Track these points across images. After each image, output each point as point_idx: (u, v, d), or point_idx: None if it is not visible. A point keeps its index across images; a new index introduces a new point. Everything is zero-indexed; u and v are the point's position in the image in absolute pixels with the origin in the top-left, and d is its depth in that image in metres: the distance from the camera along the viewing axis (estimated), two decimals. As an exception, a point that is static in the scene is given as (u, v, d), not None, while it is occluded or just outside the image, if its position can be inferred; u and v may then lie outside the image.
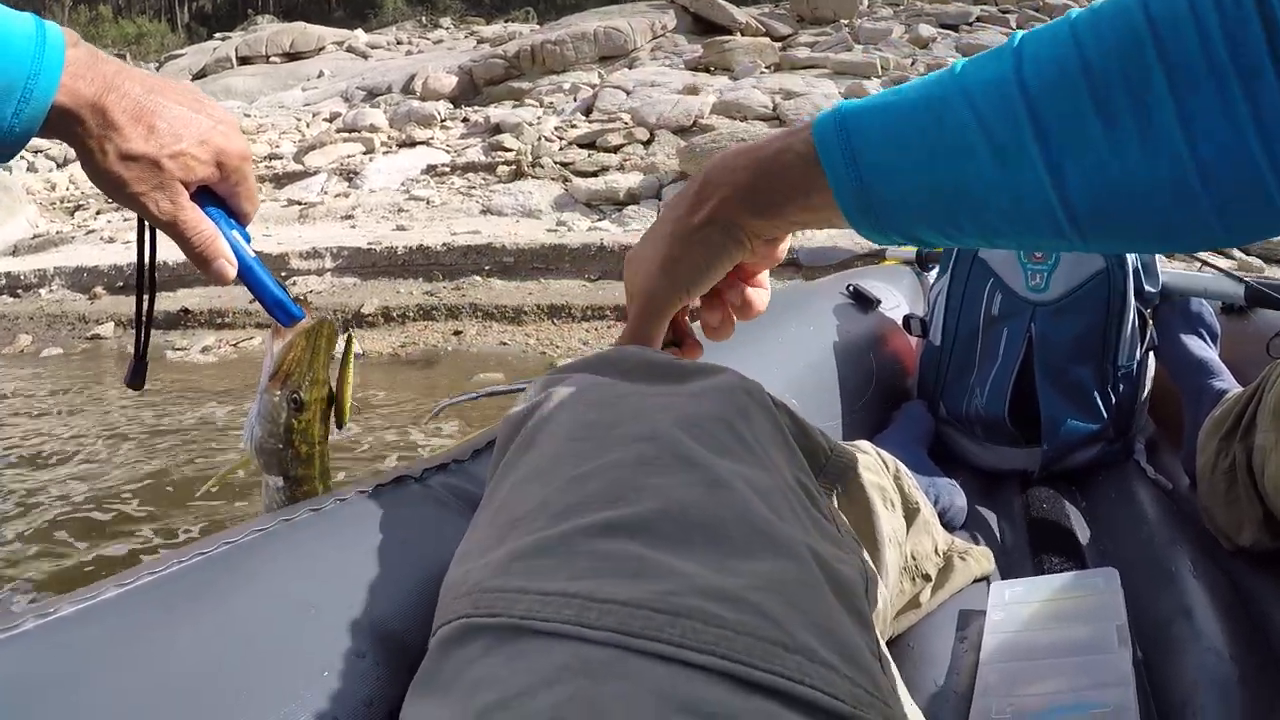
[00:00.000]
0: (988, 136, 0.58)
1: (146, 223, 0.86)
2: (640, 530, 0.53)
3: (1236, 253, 7.48)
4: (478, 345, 7.21)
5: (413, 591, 0.69)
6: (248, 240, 0.85)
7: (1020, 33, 0.59)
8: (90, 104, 0.72)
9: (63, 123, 0.73)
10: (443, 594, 0.58)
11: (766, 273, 0.80)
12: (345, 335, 0.93)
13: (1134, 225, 0.57)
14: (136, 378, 0.95)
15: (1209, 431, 1.27)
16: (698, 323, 0.84)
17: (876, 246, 2.62)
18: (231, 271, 0.83)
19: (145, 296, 0.95)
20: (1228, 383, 1.58)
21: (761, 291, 0.81)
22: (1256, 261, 7.26)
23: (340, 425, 0.92)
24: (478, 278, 8.14)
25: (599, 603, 0.49)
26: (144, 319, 0.95)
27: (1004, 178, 0.59)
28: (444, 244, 8.37)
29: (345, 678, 0.61)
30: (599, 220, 9.59)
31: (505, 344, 7.13)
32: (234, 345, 7.69)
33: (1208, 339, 1.72)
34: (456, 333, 7.39)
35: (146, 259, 0.94)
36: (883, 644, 0.64)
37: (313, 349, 0.86)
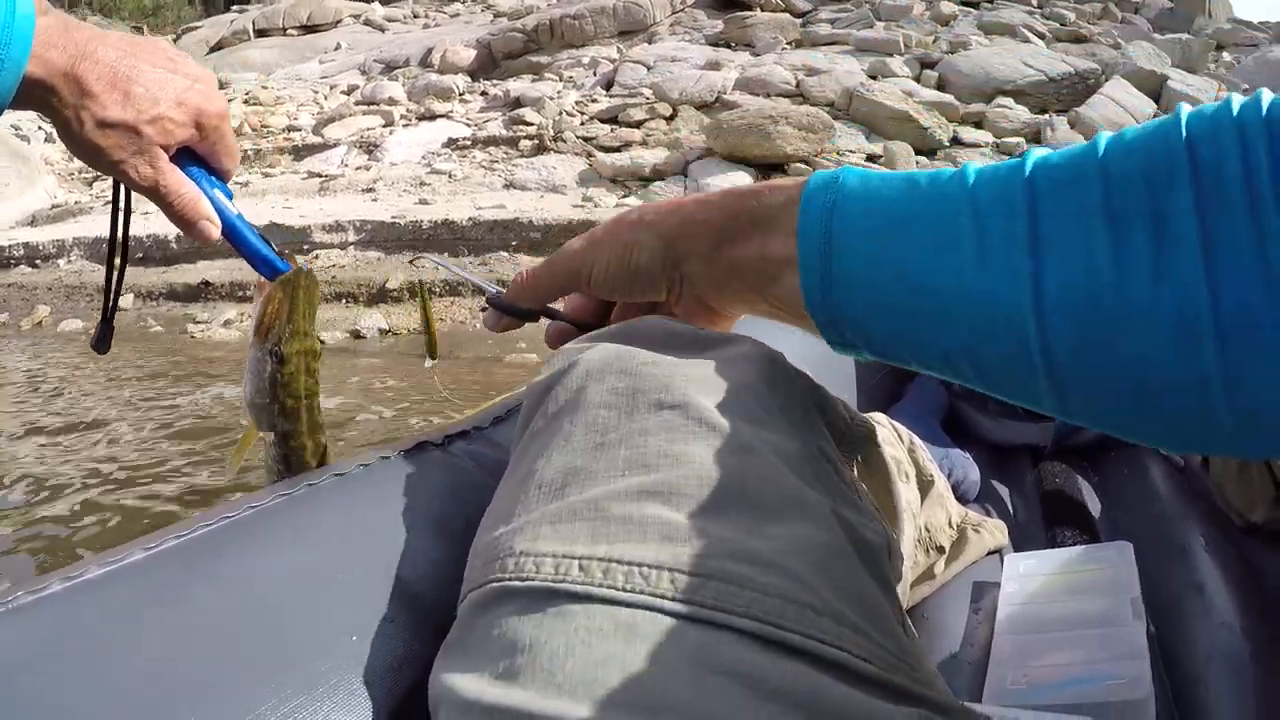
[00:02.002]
0: (977, 228, 0.55)
1: (122, 187, 0.85)
2: (671, 495, 0.54)
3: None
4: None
5: (436, 557, 0.69)
6: (229, 197, 0.84)
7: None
8: (64, 73, 0.71)
9: (36, 93, 0.72)
10: (471, 558, 0.58)
11: None
12: (422, 290, 0.88)
13: (1115, 361, 0.52)
14: (103, 343, 0.96)
15: None
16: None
17: None
18: (215, 231, 0.82)
19: (116, 261, 0.95)
20: None
21: None
22: None
23: (433, 356, 0.85)
24: (504, 253, 8.07)
25: (631, 565, 0.49)
26: (113, 284, 0.95)
27: (980, 276, 0.55)
28: (470, 219, 8.31)
29: (373, 641, 0.61)
30: (625, 196, 9.51)
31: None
32: (256, 319, 7.64)
33: None
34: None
35: (120, 224, 0.94)
36: (903, 610, 0.63)
37: (291, 300, 0.84)
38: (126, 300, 8.40)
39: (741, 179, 9.32)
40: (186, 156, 0.80)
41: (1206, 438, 0.53)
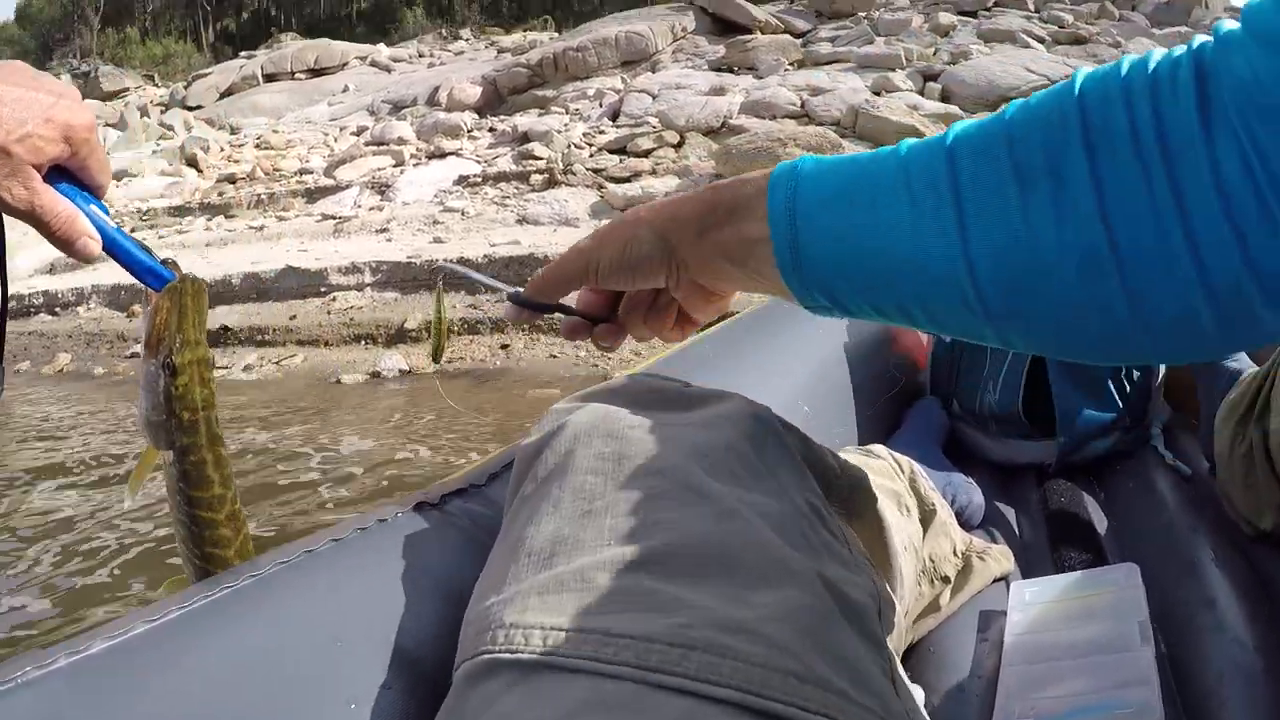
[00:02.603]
0: (911, 199, 0.59)
1: None
2: (654, 564, 0.55)
3: None
4: (526, 359, 7.16)
5: (435, 620, 0.69)
6: (106, 212, 0.80)
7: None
8: None
9: None
10: (464, 628, 0.59)
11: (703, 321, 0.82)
12: (437, 285, 0.91)
13: (1038, 301, 0.57)
14: None
15: (1224, 416, 1.24)
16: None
17: None
18: (96, 248, 0.78)
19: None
20: (1243, 362, 1.51)
21: (688, 327, 0.81)
22: None
23: (436, 360, 0.87)
24: (521, 290, 8.08)
25: (615, 638, 0.50)
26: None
27: (917, 239, 0.59)
28: (484, 255, 8.34)
29: (372, 709, 0.62)
30: (637, 226, 9.53)
31: (555, 356, 7.08)
32: (276, 363, 7.68)
33: None
34: (504, 346, 7.35)
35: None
36: (897, 664, 0.64)
37: (179, 310, 0.82)
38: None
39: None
40: (57, 174, 0.77)
41: (1127, 350, 0.58)
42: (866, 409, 1.58)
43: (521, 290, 0.82)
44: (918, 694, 0.89)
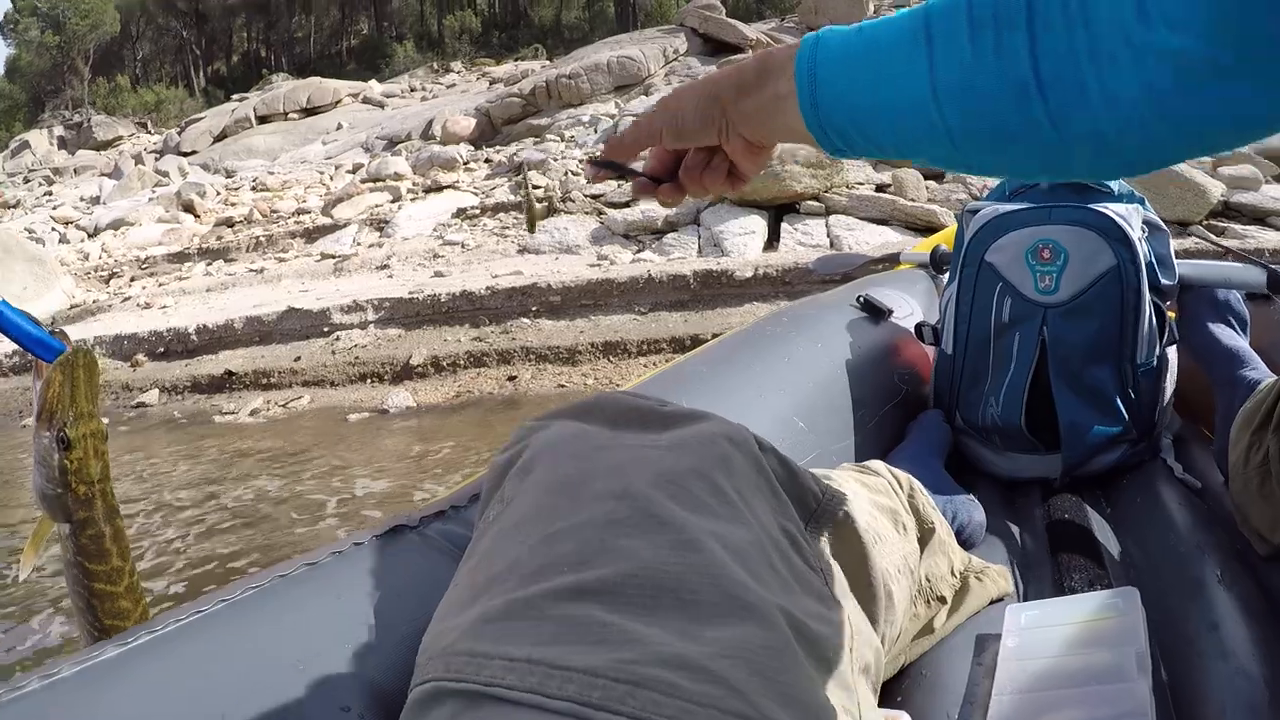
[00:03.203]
0: (907, 54, 0.64)
1: None
2: (606, 594, 0.55)
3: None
4: (534, 389, 7.07)
5: (405, 643, 0.69)
6: None
7: None
8: None
9: None
10: (420, 653, 0.59)
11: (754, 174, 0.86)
12: (524, 170, 0.89)
13: (989, 126, 0.61)
14: None
15: (1240, 425, 1.23)
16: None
17: (893, 252, 2.63)
18: None
19: None
20: (1261, 372, 1.52)
21: (737, 182, 0.85)
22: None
23: (531, 230, 0.84)
24: (525, 320, 8.03)
25: (560, 670, 0.50)
26: None
27: (907, 83, 0.64)
28: (487, 288, 8.28)
29: None
30: (639, 251, 9.50)
31: (563, 385, 7.00)
32: (283, 405, 7.59)
33: (1238, 327, 1.66)
34: (511, 378, 7.26)
35: None
36: (868, 703, 0.64)
37: (72, 382, 0.82)
38: (152, 395, 8.41)
39: (756, 223, 9.28)
40: None
41: (1059, 164, 0.62)
42: (866, 423, 1.55)
43: (598, 154, 0.86)
44: None
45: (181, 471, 5.99)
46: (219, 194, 17.07)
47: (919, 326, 1.79)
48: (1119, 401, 1.50)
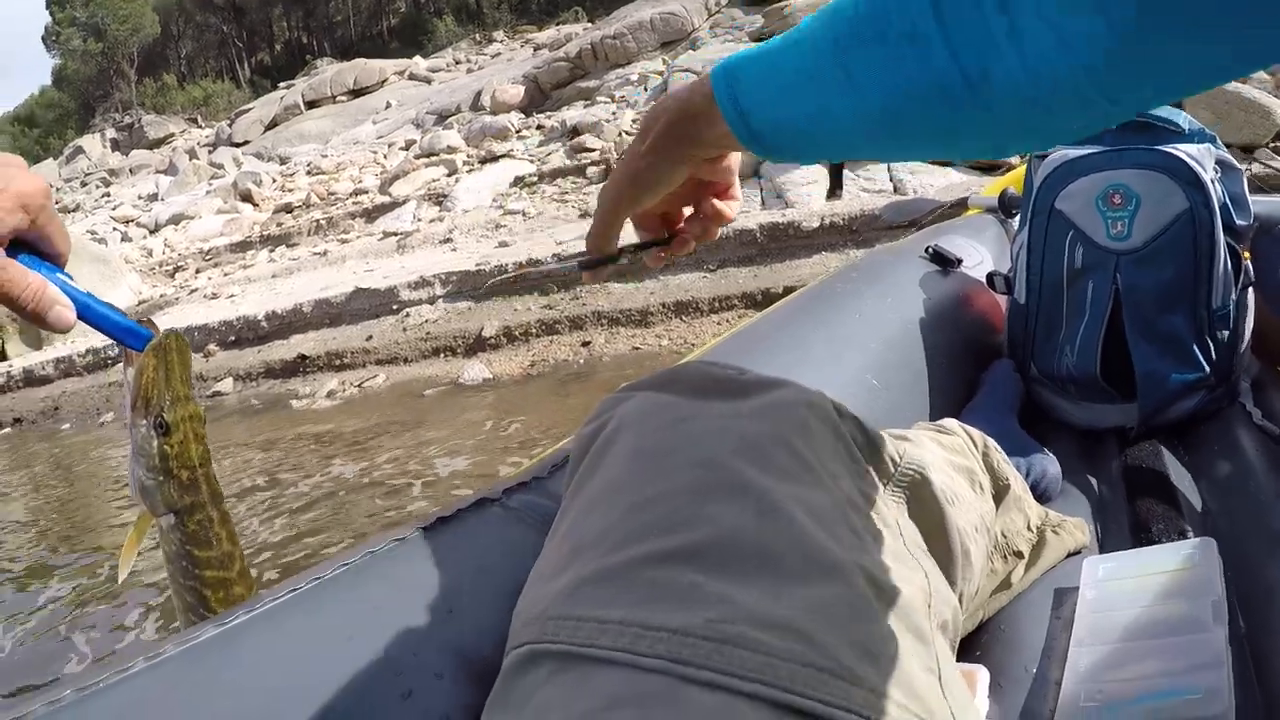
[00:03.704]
0: (822, 73, 0.62)
1: None
2: (694, 558, 0.57)
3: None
4: (609, 353, 7.02)
5: (493, 612, 0.71)
6: (70, 279, 0.77)
7: None
8: None
9: None
10: (515, 618, 0.62)
11: (737, 183, 0.85)
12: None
13: (921, 124, 0.59)
14: None
15: None
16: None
17: (960, 196, 2.60)
18: (72, 316, 0.76)
19: None
20: None
21: (732, 202, 0.84)
22: None
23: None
24: (594, 285, 7.97)
25: (652, 630, 0.52)
26: None
27: (838, 99, 0.61)
28: (554, 255, 8.23)
29: (424, 698, 0.64)
30: (702, 205, 9.40)
31: (638, 348, 6.93)
32: (358, 386, 7.63)
33: None
34: (585, 344, 7.21)
35: None
36: (946, 658, 0.64)
37: (166, 366, 0.82)
38: (226, 384, 8.48)
39: (816, 171, 9.11)
40: (15, 247, 0.74)
41: (1013, 143, 0.60)
42: (940, 377, 1.54)
43: (583, 256, 0.84)
44: (983, 676, 0.91)
45: (259, 459, 6.04)
46: (275, 181, 17.22)
47: (990, 275, 1.76)
48: (1195, 348, 1.47)
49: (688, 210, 0.85)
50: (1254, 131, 7.83)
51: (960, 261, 1.86)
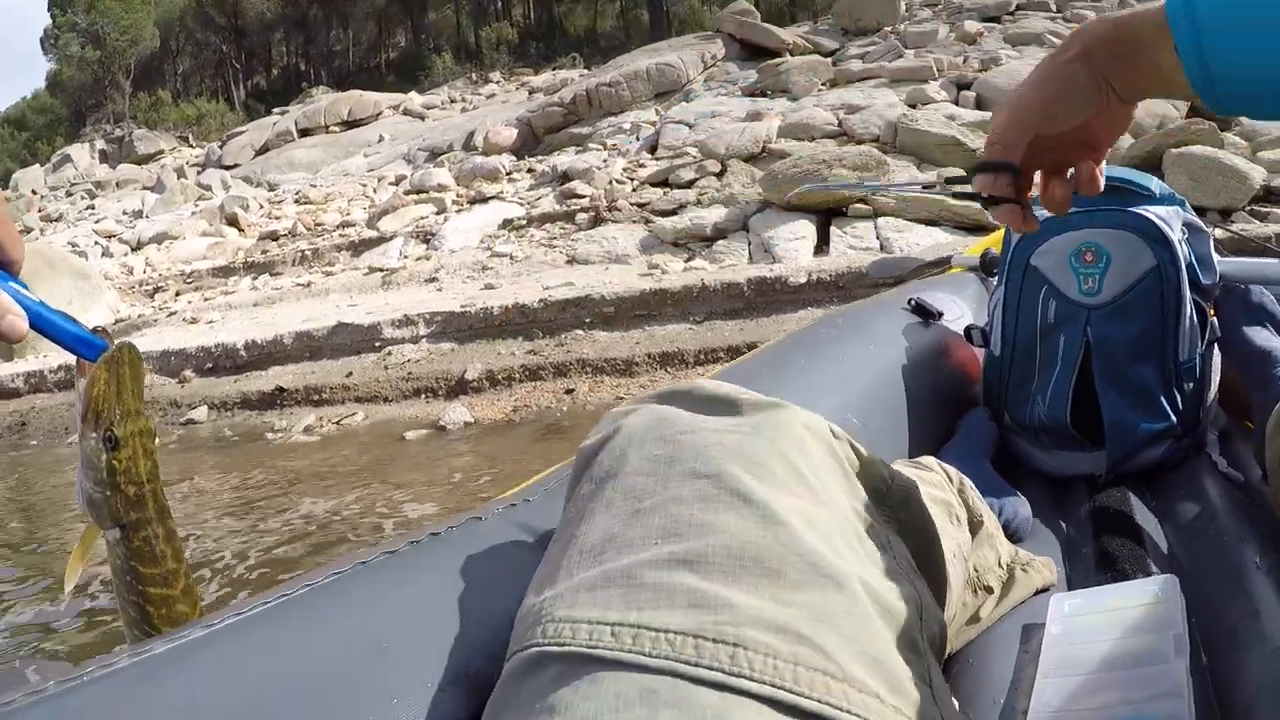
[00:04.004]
0: None
1: None
2: (699, 563, 0.58)
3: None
4: (593, 401, 6.99)
5: (483, 625, 0.72)
6: (25, 287, 0.76)
7: None
8: None
9: None
10: (517, 622, 0.62)
11: (1104, 163, 0.84)
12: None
13: None
14: None
15: (1275, 423, 1.22)
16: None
17: (944, 255, 2.69)
18: (23, 325, 0.74)
19: None
20: None
21: (1100, 176, 0.84)
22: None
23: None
24: (580, 331, 8.00)
25: (658, 631, 0.54)
26: None
27: None
28: (540, 300, 8.25)
29: (415, 707, 0.64)
30: (690, 259, 9.47)
31: (622, 397, 6.90)
32: (336, 423, 7.58)
33: (1272, 328, 1.69)
34: (568, 391, 7.21)
35: None
36: (936, 670, 0.66)
37: (118, 379, 0.81)
38: (201, 412, 8.41)
39: (805, 228, 9.24)
40: None
41: None
42: (917, 422, 1.58)
43: (972, 165, 0.85)
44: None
45: (229, 492, 5.99)
46: (262, 207, 17.18)
47: (969, 329, 1.84)
48: (1163, 399, 1.53)
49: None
50: (1231, 195, 8.07)
51: (941, 314, 1.92)
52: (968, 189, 0.86)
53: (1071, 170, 0.86)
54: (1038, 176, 0.87)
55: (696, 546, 0.59)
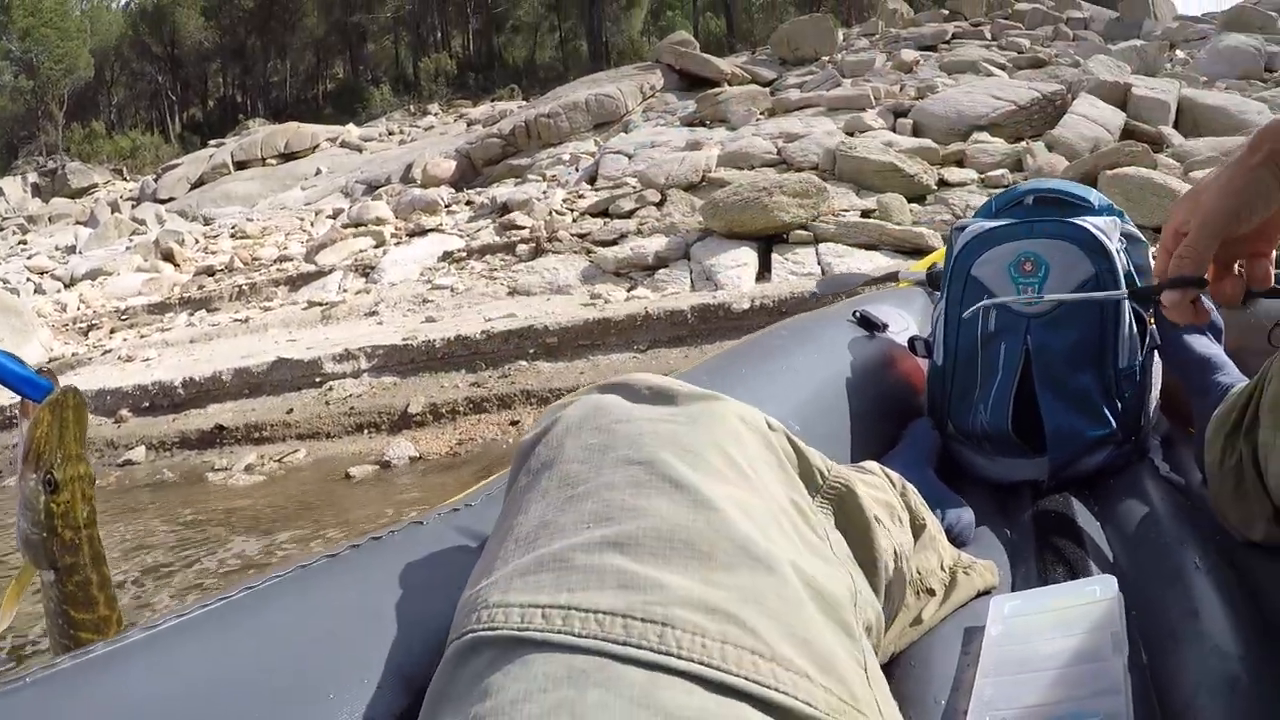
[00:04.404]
0: None
1: None
2: (630, 546, 0.59)
3: None
4: (538, 434, 6.93)
5: (420, 627, 0.73)
6: None
7: None
8: None
9: None
10: (456, 613, 0.63)
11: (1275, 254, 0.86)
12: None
13: None
14: None
15: (1214, 429, 1.26)
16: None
17: (891, 272, 2.75)
18: None
19: None
20: (1232, 377, 1.57)
21: (1271, 269, 0.86)
22: None
23: None
24: (523, 362, 7.97)
25: (588, 612, 0.55)
26: None
27: None
28: (483, 331, 8.21)
29: (348, 704, 0.65)
30: (632, 288, 9.50)
31: (567, 429, 6.86)
32: (279, 460, 7.47)
33: (1210, 334, 1.72)
34: (514, 423, 7.17)
35: None
36: (871, 655, 0.66)
37: (61, 422, 0.81)
38: (139, 452, 8.25)
39: (747, 255, 9.34)
40: None
41: None
42: (862, 432, 1.59)
43: (1171, 276, 0.87)
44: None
45: (166, 532, 5.88)
46: (198, 242, 16.97)
47: (912, 340, 1.86)
48: (1103, 405, 1.55)
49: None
50: (1164, 214, 8.21)
51: (886, 327, 1.94)
52: (1146, 288, 0.90)
53: (1240, 263, 0.89)
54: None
55: (627, 529, 0.60)
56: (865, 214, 10.00)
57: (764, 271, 9.24)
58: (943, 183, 10.97)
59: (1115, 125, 12.07)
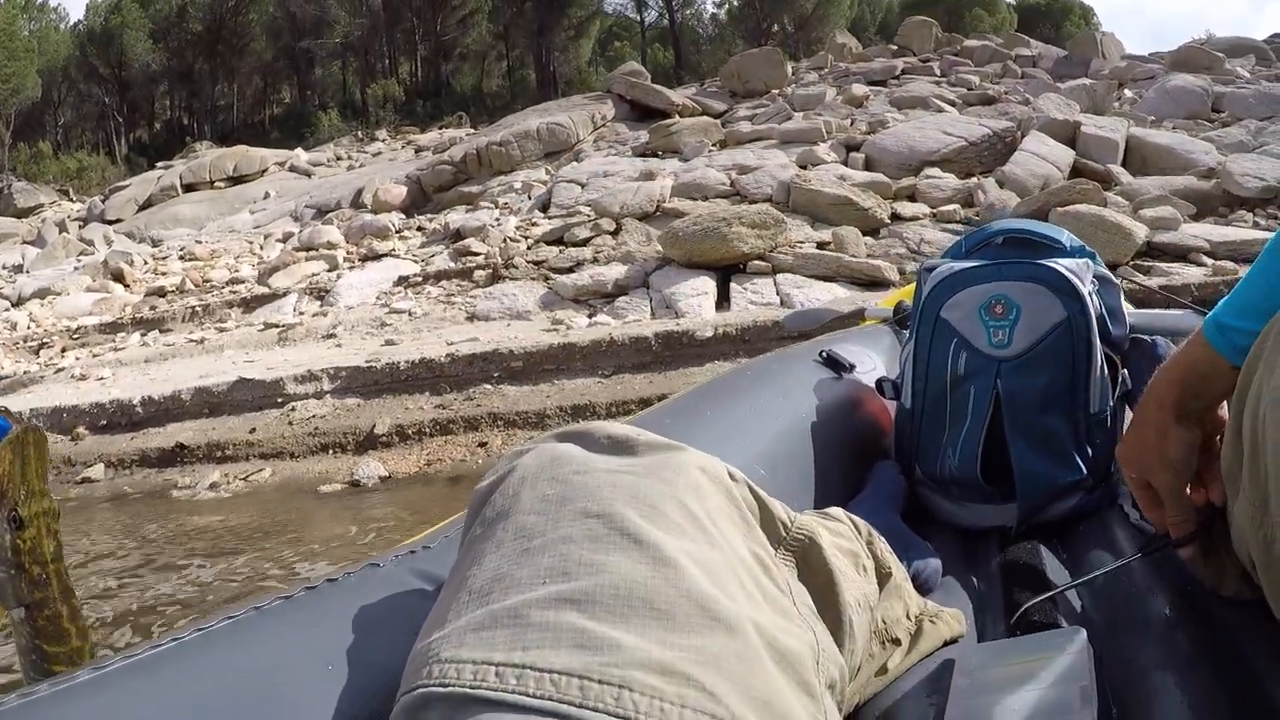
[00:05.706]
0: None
1: None
2: (586, 603, 0.58)
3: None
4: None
5: (376, 671, 0.72)
6: None
7: None
8: None
9: None
10: (407, 665, 0.62)
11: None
12: None
13: None
14: None
15: None
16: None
17: (858, 307, 2.67)
18: None
19: None
20: None
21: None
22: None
23: None
24: (488, 386, 8.02)
25: (543, 672, 0.54)
26: None
27: None
28: (448, 355, 8.26)
29: None
30: (592, 315, 9.58)
31: (535, 450, 6.92)
32: (244, 479, 7.46)
33: None
34: (481, 444, 7.22)
35: None
36: (833, 713, 0.67)
37: (23, 459, 0.79)
38: (98, 470, 8.22)
39: (706, 284, 9.46)
40: None
41: None
42: (827, 474, 1.55)
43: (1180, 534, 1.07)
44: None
45: (131, 550, 5.85)
46: (147, 263, 16.82)
47: (880, 381, 1.79)
48: (1074, 451, 1.52)
49: None
50: (1116, 250, 8.63)
51: (853, 367, 1.90)
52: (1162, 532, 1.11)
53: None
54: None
55: (585, 586, 0.59)
56: (821, 245, 10.16)
57: (723, 300, 9.39)
58: (895, 216, 11.17)
59: (1065, 163, 12.36)
